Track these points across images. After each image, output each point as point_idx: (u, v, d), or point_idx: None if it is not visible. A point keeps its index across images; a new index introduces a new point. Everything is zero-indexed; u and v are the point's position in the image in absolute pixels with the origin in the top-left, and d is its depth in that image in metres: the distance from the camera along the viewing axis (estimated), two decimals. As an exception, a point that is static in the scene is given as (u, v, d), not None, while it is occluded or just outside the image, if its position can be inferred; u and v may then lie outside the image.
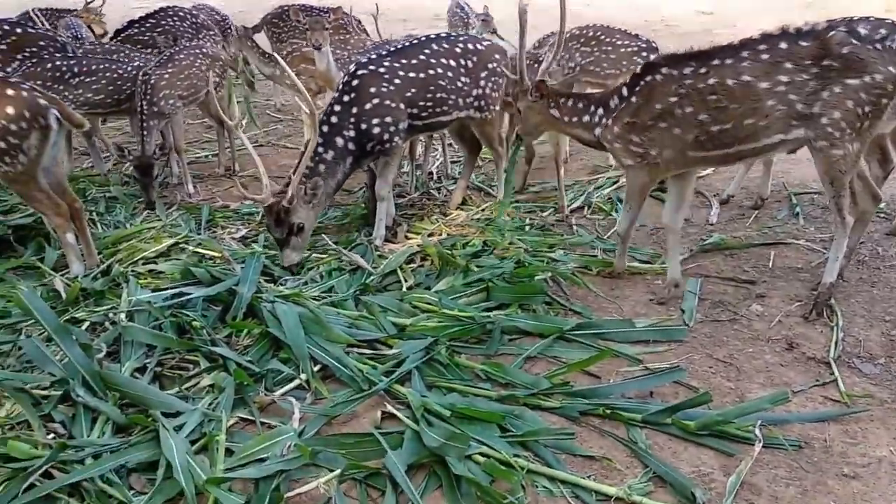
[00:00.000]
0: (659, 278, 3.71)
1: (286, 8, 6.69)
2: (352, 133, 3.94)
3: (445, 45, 4.18)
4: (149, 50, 5.49)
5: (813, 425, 2.67)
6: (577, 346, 3.13)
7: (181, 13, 5.93)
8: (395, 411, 2.69)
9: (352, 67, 4.07)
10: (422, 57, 4.09)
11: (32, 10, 5.88)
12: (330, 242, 4.01)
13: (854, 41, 2.93)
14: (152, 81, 4.72)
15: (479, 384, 2.88)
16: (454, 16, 6.38)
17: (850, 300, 3.45)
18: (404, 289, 3.57)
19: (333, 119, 3.91)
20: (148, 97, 4.69)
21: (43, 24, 5.52)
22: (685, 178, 3.45)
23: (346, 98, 3.96)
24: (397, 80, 4.00)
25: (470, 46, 4.26)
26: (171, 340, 3.06)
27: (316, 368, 2.95)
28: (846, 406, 2.76)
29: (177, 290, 3.41)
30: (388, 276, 3.69)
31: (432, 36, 4.32)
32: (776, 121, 3.04)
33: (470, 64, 4.21)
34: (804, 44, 2.98)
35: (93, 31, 6.53)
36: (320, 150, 3.89)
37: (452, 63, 4.15)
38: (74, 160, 5.46)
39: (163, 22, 5.83)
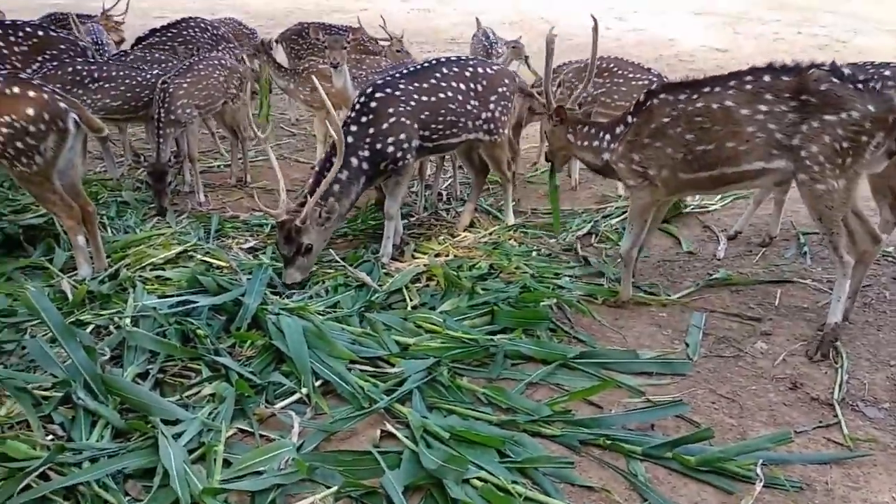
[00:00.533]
0: (664, 310, 3.70)
1: (306, 25, 6.77)
2: (366, 153, 3.98)
3: (456, 69, 4.25)
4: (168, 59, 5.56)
5: (815, 467, 2.64)
6: (579, 374, 3.12)
7: (202, 24, 6.01)
8: (394, 431, 2.68)
9: (367, 88, 4.12)
10: (433, 80, 4.15)
11: (71, 15, 5.96)
12: (337, 258, 4.02)
13: (833, 79, 3.07)
14: (171, 90, 4.77)
15: (480, 408, 2.87)
16: (478, 43, 6.42)
17: (855, 343, 3.43)
18: (409, 308, 3.57)
19: (349, 139, 3.94)
20: (165, 105, 4.74)
21: (78, 29, 5.60)
22: (657, 211, 3.73)
23: (363, 118, 4.00)
24: (412, 102, 4.04)
25: (480, 70, 4.32)
26: (174, 347, 3.06)
27: (317, 383, 2.94)
28: (849, 449, 2.74)
29: (183, 298, 3.42)
30: (393, 294, 3.70)
31: (443, 59, 4.38)
32: (756, 147, 3.20)
33: (480, 87, 4.27)
34: (785, 78, 3.16)
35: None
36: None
37: (463, 86, 4.20)
38: (88, 164, 5.50)
39: (184, 32, 5.90)
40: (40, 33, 5.09)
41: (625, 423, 2.82)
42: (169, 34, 5.87)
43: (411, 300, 3.63)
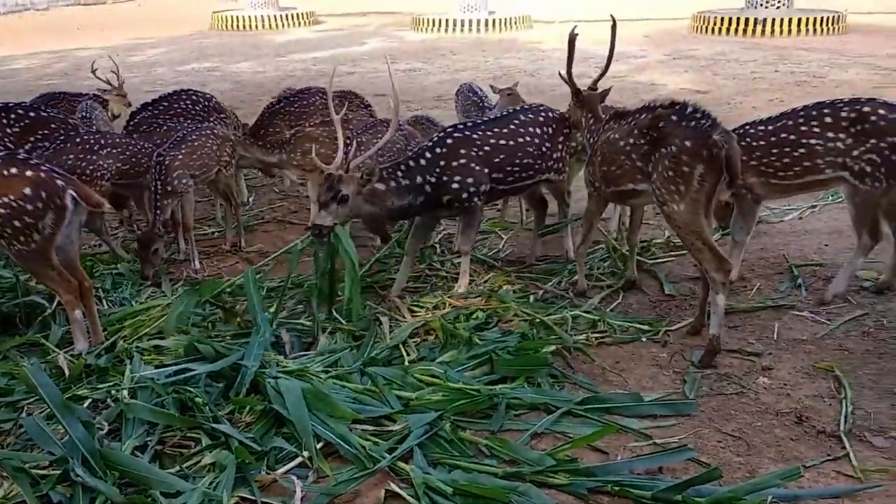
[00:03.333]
0: (664, 351, 3.69)
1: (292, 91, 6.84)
2: (433, 179, 4.23)
3: (532, 115, 4.57)
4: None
5: (826, 502, 2.61)
6: (583, 420, 3.10)
7: (194, 96, 6.11)
8: (398, 490, 2.64)
9: (448, 128, 4.46)
10: (512, 126, 4.46)
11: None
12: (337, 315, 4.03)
13: (672, 117, 3.52)
14: (166, 162, 4.86)
15: (485, 460, 2.84)
16: (467, 100, 6.40)
17: (857, 372, 3.42)
18: (406, 362, 3.55)
19: (421, 161, 4.22)
20: (162, 178, 4.81)
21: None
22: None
23: (437, 150, 4.26)
24: (487, 147, 4.32)
25: (550, 115, 4.63)
26: (172, 417, 3.03)
27: (319, 445, 2.91)
28: (860, 481, 2.70)
29: (180, 367, 3.41)
30: (394, 349, 3.69)
31: (519, 108, 4.71)
32: (626, 172, 3.80)
33: (550, 130, 4.57)
34: (644, 116, 3.69)
35: (111, 111, 6.73)
36: (399, 173, 4.16)
37: (538, 130, 4.51)
38: (83, 238, 5.53)
39: (175, 105, 6.00)
40: (31, 114, 5.18)
41: (632, 467, 2.79)
42: (161, 107, 5.96)
43: (409, 355, 3.62)
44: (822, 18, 15.46)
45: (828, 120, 3.81)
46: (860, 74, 11.12)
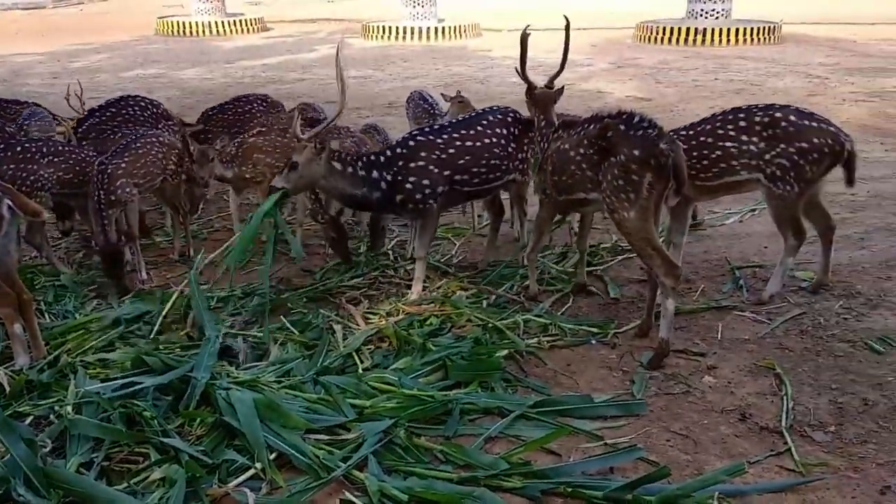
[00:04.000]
0: (614, 353, 3.77)
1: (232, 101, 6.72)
2: (389, 178, 4.26)
3: (500, 116, 4.59)
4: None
5: (770, 496, 2.70)
6: (536, 423, 3.14)
7: (142, 102, 5.98)
8: (353, 499, 2.63)
9: (413, 131, 4.54)
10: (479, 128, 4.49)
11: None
12: (287, 324, 3.99)
13: (620, 127, 3.59)
14: (109, 170, 4.73)
15: (440, 466, 2.85)
16: (417, 107, 6.44)
17: (797, 369, 3.55)
18: (360, 370, 3.54)
19: (382, 158, 4.29)
20: (105, 186, 4.68)
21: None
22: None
23: (398, 150, 4.31)
24: (451, 150, 4.35)
25: (518, 116, 4.65)
26: (119, 433, 2.96)
27: (272, 456, 2.88)
28: (801, 475, 2.81)
29: (127, 380, 3.33)
30: (347, 357, 3.67)
31: (487, 109, 4.73)
32: (579, 181, 3.85)
33: (517, 132, 4.58)
34: (593, 126, 3.74)
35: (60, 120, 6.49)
36: (360, 163, 4.25)
37: (505, 131, 4.54)
38: (23, 249, 5.35)
39: (123, 111, 5.85)
40: None
41: (584, 468, 2.84)
42: (108, 113, 5.81)
43: (362, 362, 3.61)
44: (758, 29, 16.03)
45: (742, 124, 4.01)
46: (794, 83, 11.56)
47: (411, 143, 4.36)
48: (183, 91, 11.97)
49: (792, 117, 3.94)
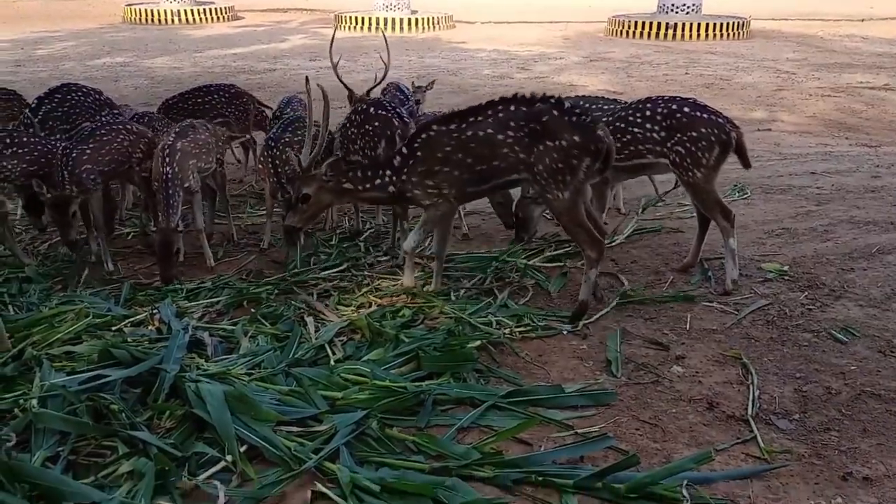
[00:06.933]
0: (584, 343, 3.81)
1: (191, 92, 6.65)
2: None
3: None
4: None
5: (737, 483, 2.75)
6: (508, 413, 3.16)
7: (84, 89, 5.87)
8: (325, 490, 2.62)
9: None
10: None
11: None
12: (259, 317, 3.96)
13: (553, 112, 3.76)
14: (73, 155, 4.63)
15: (412, 457, 2.85)
16: (394, 98, 6.48)
17: (762, 359, 3.62)
18: (332, 362, 3.53)
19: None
20: (68, 170, 4.59)
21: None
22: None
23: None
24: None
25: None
26: (86, 426, 2.90)
27: (243, 449, 2.85)
28: (767, 462, 2.87)
29: (94, 373, 3.27)
30: (319, 349, 3.65)
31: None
32: (510, 164, 3.89)
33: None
34: (522, 109, 3.82)
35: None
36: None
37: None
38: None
39: (68, 97, 5.74)
40: None
41: (555, 458, 2.86)
42: (54, 101, 5.69)
43: (334, 354, 3.60)
44: (728, 24, 16.27)
45: (648, 113, 4.36)
46: (763, 77, 11.75)
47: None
48: (151, 80, 11.78)
49: (686, 108, 4.29)
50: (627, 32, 16.56)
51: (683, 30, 16.13)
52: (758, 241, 5.16)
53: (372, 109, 5.00)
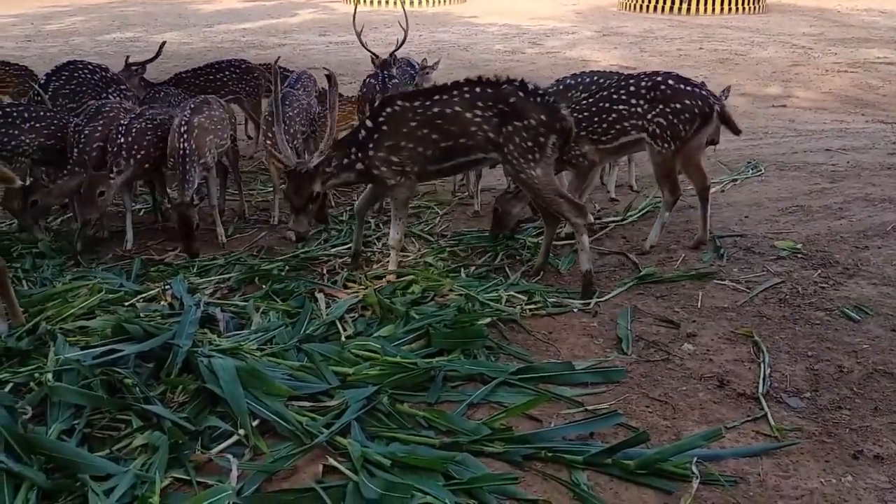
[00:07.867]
0: (595, 321, 3.80)
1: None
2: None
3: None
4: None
5: (747, 460, 2.75)
6: (518, 390, 3.17)
7: (90, 66, 5.87)
8: (336, 464, 2.65)
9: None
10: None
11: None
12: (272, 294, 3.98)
13: (519, 94, 3.87)
14: (86, 132, 4.65)
15: (422, 432, 2.87)
16: (403, 73, 6.50)
17: (774, 337, 3.61)
18: (343, 338, 3.55)
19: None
20: (80, 147, 4.61)
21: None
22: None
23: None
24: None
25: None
26: (100, 399, 2.94)
27: (255, 423, 2.88)
28: (777, 440, 2.87)
29: (108, 348, 3.30)
30: (330, 325, 3.67)
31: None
32: (478, 142, 3.97)
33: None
34: (489, 90, 3.92)
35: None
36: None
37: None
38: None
39: (75, 74, 5.75)
40: None
41: (565, 434, 2.87)
42: (62, 78, 5.70)
43: (345, 330, 3.61)
44: (744, -2, 15.98)
45: (632, 89, 4.40)
46: (778, 52, 11.57)
47: None
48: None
49: (670, 81, 4.36)
50: (641, 6, 16.33)
51: (697, 4, 15.88)
52: (771, 218, 5.11)
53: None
